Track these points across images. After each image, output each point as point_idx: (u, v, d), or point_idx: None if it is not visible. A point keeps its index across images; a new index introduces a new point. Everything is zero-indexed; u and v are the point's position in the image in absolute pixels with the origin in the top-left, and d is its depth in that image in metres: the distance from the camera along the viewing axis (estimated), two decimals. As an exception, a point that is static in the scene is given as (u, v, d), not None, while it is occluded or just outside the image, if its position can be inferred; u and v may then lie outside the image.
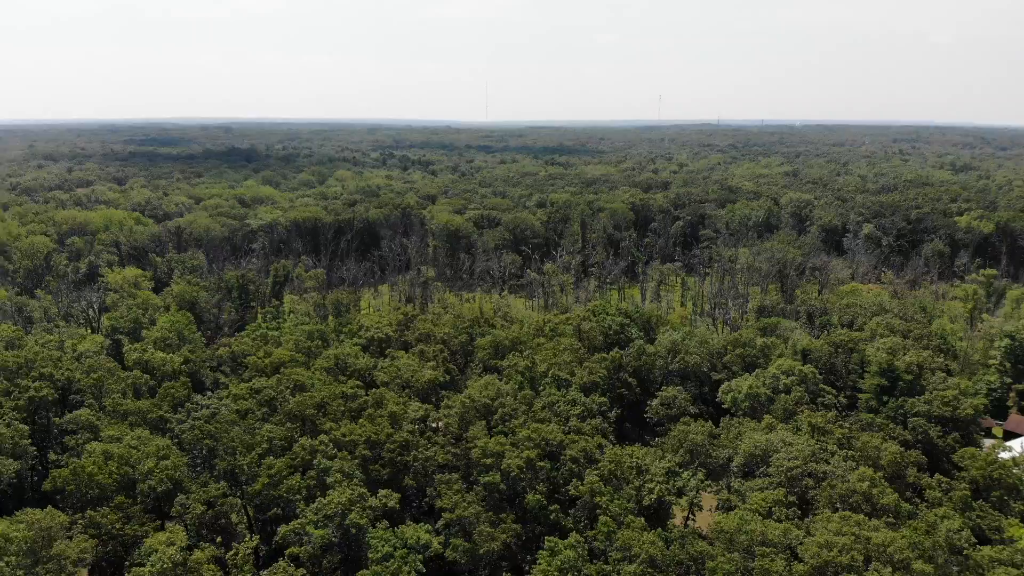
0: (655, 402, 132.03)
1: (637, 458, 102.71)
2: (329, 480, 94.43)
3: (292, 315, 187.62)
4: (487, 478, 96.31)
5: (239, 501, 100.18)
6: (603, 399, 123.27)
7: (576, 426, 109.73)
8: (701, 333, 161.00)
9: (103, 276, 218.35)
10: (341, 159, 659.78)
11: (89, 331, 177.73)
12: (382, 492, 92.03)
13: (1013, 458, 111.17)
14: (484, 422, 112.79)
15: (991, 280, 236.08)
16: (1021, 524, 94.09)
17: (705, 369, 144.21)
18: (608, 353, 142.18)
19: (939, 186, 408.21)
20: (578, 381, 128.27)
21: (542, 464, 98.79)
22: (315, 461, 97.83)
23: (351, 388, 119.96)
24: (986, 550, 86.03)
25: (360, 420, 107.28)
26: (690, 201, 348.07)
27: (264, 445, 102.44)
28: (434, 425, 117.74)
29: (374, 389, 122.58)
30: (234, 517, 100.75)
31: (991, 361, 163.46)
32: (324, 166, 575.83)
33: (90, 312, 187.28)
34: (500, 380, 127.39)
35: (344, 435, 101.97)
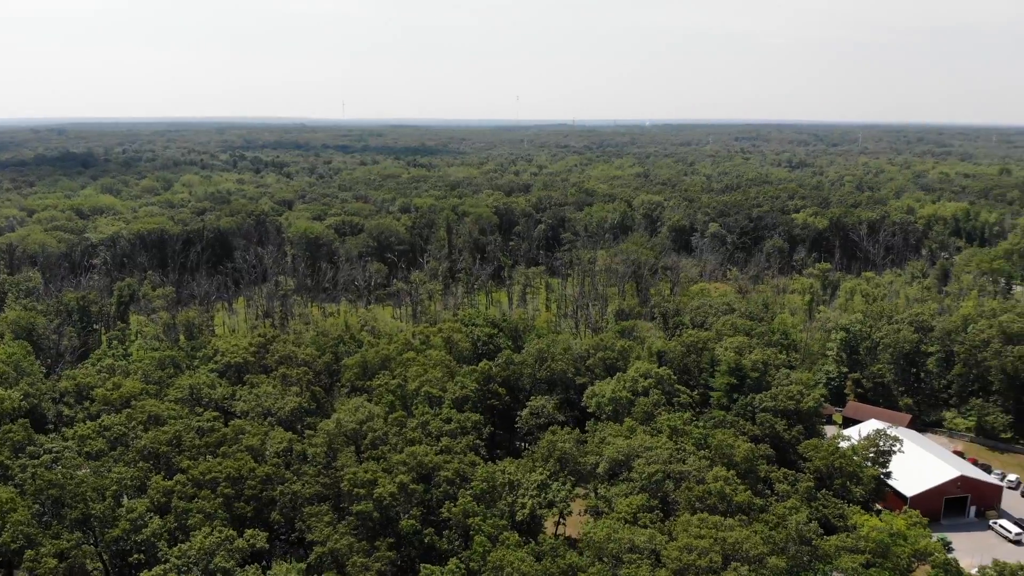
0: (525, 412, 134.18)
1: (509, 473, 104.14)
2: (190, 522, 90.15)
3: (140, 338, 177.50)
4: (359, 507, 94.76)
5: (93, 549, 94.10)
6: (477, 416, 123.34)
7: (448, 445, 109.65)
8: (565, 339, 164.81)
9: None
10: (188, 162, 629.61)
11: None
12: (249, 532, 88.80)
13: (852, 446, 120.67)
14: (353, 448, 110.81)
15: (826, 273, 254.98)
16: (862, 511, 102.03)
17: (570, 375, 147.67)
18: (478, 365, 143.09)
19: (777, 184, 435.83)
20: (450, 396, 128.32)
21: (415, 487, 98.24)
22: (171, 503, 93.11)
23: (208, 421, 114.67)
24: (833, 539, 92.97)
25: (219, 456, 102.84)
26: (551, 204, 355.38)
27: (114, 487, 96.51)
28: (301, 454, 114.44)
29: (234, 420, 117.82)
30: (89, 564, 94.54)
31: (828, 352, 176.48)
32: (169, 171, 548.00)
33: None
34: (370, 401, 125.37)
35: (203, 473, 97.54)
